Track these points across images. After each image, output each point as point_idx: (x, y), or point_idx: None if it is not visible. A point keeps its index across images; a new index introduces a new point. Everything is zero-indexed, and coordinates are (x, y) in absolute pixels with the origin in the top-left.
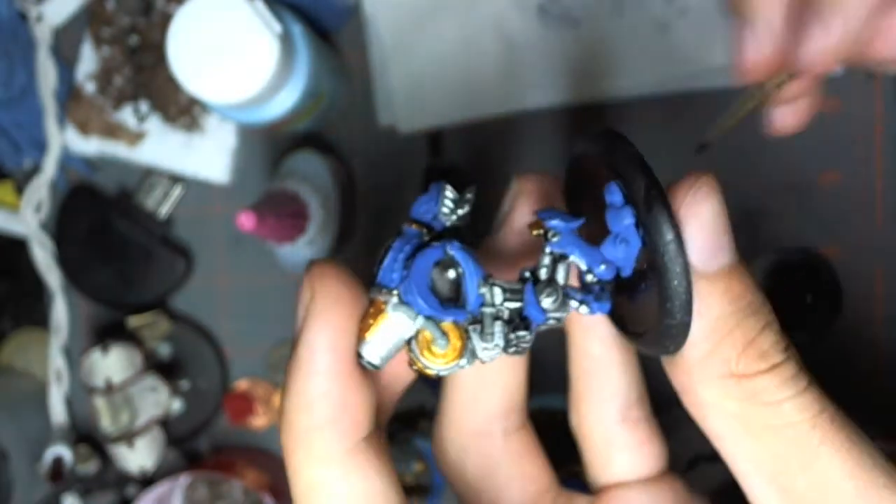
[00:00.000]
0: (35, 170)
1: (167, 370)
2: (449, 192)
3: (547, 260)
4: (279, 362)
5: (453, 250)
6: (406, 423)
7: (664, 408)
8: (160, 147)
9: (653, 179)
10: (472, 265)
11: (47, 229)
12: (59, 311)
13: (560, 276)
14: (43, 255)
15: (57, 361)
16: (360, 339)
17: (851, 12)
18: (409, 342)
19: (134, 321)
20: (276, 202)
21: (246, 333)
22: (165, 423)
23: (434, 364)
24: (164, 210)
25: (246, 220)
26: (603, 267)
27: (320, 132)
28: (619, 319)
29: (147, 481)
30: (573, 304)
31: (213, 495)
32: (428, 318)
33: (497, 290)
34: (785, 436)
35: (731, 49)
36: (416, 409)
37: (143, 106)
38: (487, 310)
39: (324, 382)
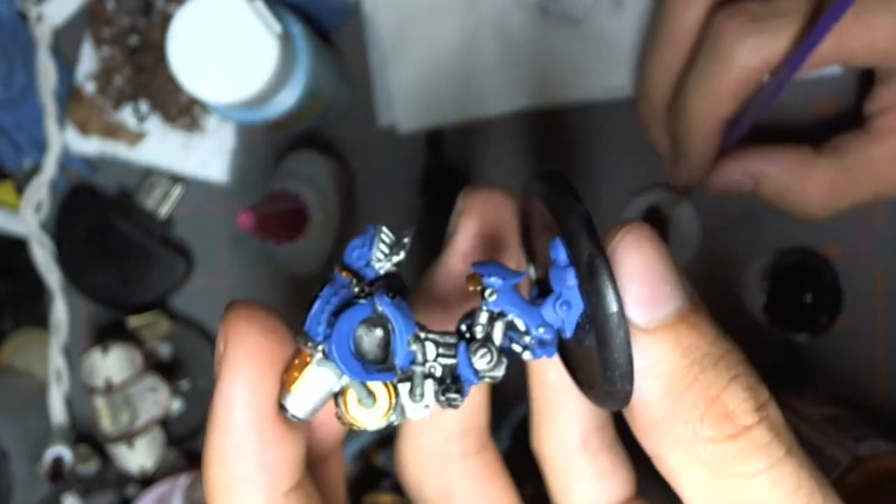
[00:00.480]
0: (35, 170)
1: (167, 370)
2: (384, 237)
3: (483, 317)
4: None
5: (382, 306)
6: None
7: None
8: (160, 147)
9: (596, 243)
10: (401, 322)
11: (47, 229)
12: (59, 311)
13: (497, 336)
14: (43, 255)
15: (57, 361)
16: (284, 388)
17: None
18: (335, 396)
19: (134, 321)
20: (276, 202)
21: None
22: (165, 423)
23: (363, 421)
24: (164, 210)
25: (246, 220)
26: (542, 330)
27: (320, 132)
28: (569, 364)
29: (147, 481)
30: (517, 348)
31: None
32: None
33: (430, 346)
34: None
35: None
36: None
37: (143, 106)
38: (417, 368)
39: (240, 438)
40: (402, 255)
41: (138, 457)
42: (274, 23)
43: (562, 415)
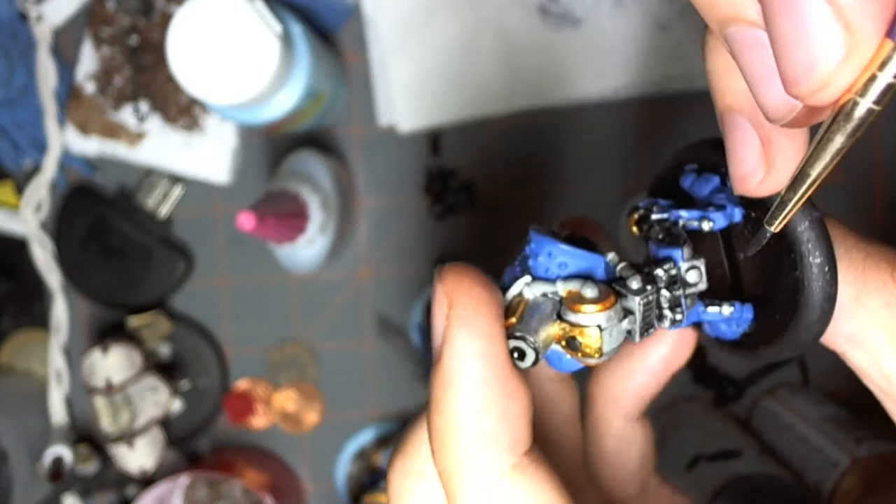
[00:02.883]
0: (35, 170)
1: (167, 370)
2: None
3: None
4: (279, 362)
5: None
6: (406, 423)
7: (667, 406)
8: (160, 147)
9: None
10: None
11: (47, 229)
12: (59, 311)
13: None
14: (43, 255)
15: (57, 361)
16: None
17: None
18: (559, 317)
19: (134, 321)
20: (276, 202)
21: (246, 333)
22: (165, 423)
23: (590, 324)
24: (164, 210)
25: (246, 220)
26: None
27: (320, 132)
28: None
29: (147, 481)
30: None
31: (213, 495)
32: (566, 277)
33: (658, 283)
34: None
35: None
36: (416, 411)
37: (143, 106)
38: (660, 272)
39: (481, 394)
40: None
41: (138, 457)
42: (274, 23)
43: (626, 462)
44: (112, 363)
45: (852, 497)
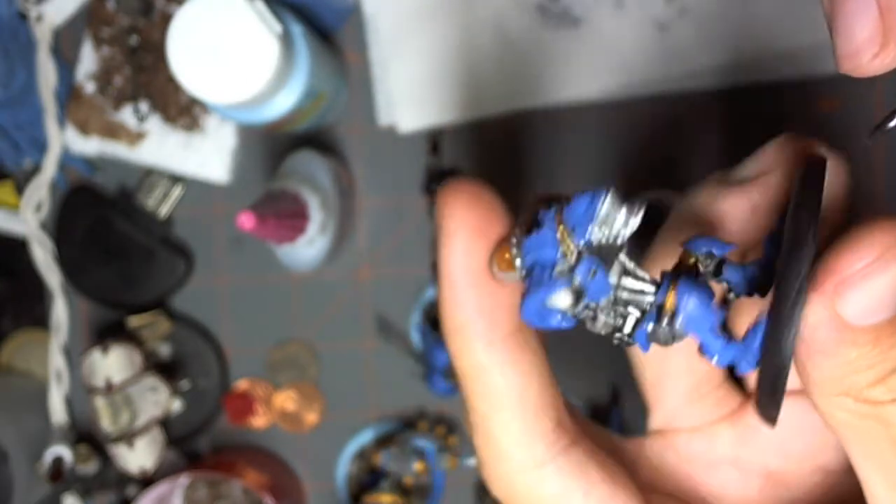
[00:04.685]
0: (35, 170)
1: (167, 370)
2: (611, 214)
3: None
4: (279, 362)
5: (581, 278)
6: (406, 423)
7: None
8: (160, 147)
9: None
10: (596, 284)
11: (47, 229)
12: (59, 311)
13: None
14: (43, 255)
15: (57, 361)
16: (496, 264)
17: None
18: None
19: (134, 321)
20: (276, 202)
21: (246, 333)
22: (165, 423)
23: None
24: (164, 210)
25: (246, 220)
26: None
27: (320, 132)
28: None
29: (147, 481)
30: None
31: (213, 495)
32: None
33: (619, 301)
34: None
35: (731, 48)
36: (416, 411)
37: (143, 106)
38: (602, 312)
39: (459, 292)
40: (626, 231)
41: (138, 457)
42: (274, 23)
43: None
44: (112, 363)
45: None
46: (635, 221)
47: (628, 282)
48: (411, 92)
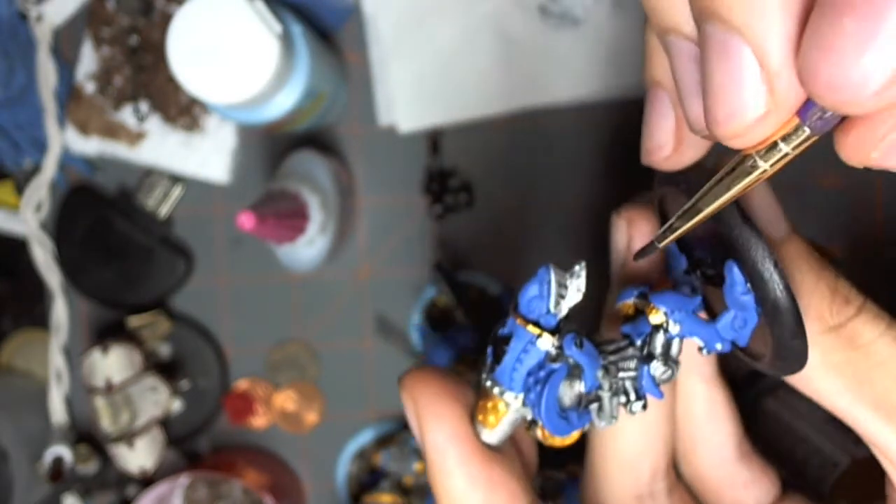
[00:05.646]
0: (35, 170)
1: (167, 370)
2: (558, 283)
3: (660, 341)
4: (279, 362)
5: (574, 356)
6: (406, 423)
7: None
8: (160, 147)
9: (784, 282)
10: (589, 363)
11: (47, 229)
12: (59, 311)
13: (675, 351)
14: (43, 255)
15: (57, 361)
16: (482, 426)
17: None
18: (530, 423)
19: (134, 321)
20: (276, 202)
21: (246, 333)
22: (165, 423)
23: (557, 441)
24: (164, 210)
25: (246, 220)
26: (719, 346)
27: (320, 132)
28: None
29: (147, 481)
30: (698, 342)
31: (213, 495)
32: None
33: (612, 369)
34: (884, 372)
35: None
36: None
37: (143, 106)
38: (604, 394)
39: (464, 471)
40: (578, 296)
41: (138, 457)
42: (274, 23)
43: (719, 429)
44: (112, 363)
45: (852, 497)
46: (583, 279)
47: (605, 348)
48: (411, 92)
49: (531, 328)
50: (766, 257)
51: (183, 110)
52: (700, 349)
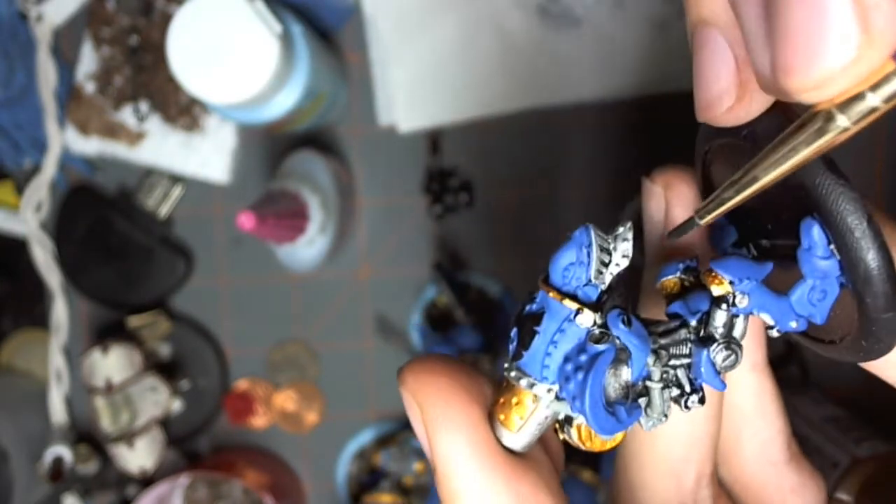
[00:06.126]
0: (35, 170)
1: (167, 370)
2: (602, 244)
3: (721, 319)
4: (279, 362)
5: (622, 336)
6: (406, 423)
7: None
8: (160, 147)
9: (867, 210)
10: (639, 346)
11: (47, 229)
12: (59, 311)
13: (738, 332)
14: (43, 255)
15: (57, 361)
16: (502, 427)
17: None
18: (561, 422)
19: (134, 321)
20: (276, 202)
21: (246, 333)
22: (165, 423)
23: (594, 446)
24: (164, 210)
25: (246, 220)
26: (794, 324)
27: (320, 132)
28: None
29: (147, 481)
30: (768, 320)
31: (213, 495)
32: None
33: (663, 354)
34: None
35: None
36: None
37: (143, 106)
38: (654, 385)
39: (484, 487)
40: (624, 262)
41: (138, 457)
42: (274, 23)
43: (765, 429)
44: (112, 363)
45: (852, 497)
46: (629, 242)
47: (653, 329)
48: (411, 92)
49: (568, 302)
50: (859, 210)
51: (183, 110)
52: (769, 328)
